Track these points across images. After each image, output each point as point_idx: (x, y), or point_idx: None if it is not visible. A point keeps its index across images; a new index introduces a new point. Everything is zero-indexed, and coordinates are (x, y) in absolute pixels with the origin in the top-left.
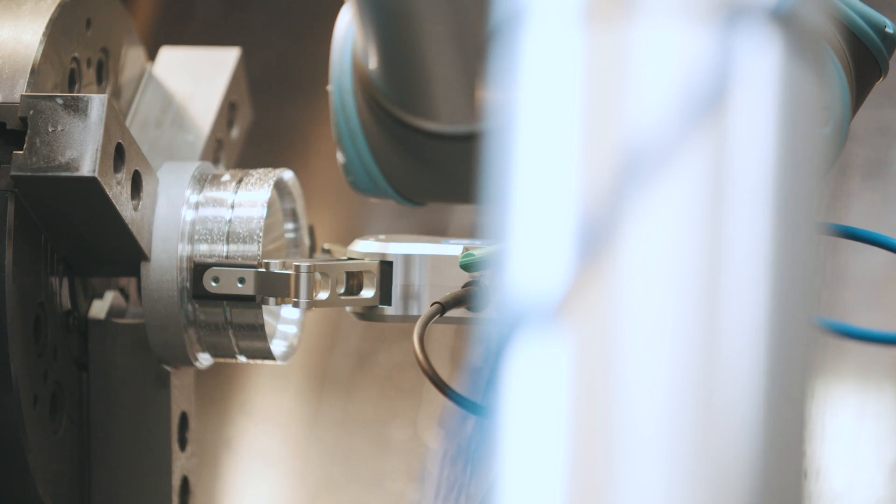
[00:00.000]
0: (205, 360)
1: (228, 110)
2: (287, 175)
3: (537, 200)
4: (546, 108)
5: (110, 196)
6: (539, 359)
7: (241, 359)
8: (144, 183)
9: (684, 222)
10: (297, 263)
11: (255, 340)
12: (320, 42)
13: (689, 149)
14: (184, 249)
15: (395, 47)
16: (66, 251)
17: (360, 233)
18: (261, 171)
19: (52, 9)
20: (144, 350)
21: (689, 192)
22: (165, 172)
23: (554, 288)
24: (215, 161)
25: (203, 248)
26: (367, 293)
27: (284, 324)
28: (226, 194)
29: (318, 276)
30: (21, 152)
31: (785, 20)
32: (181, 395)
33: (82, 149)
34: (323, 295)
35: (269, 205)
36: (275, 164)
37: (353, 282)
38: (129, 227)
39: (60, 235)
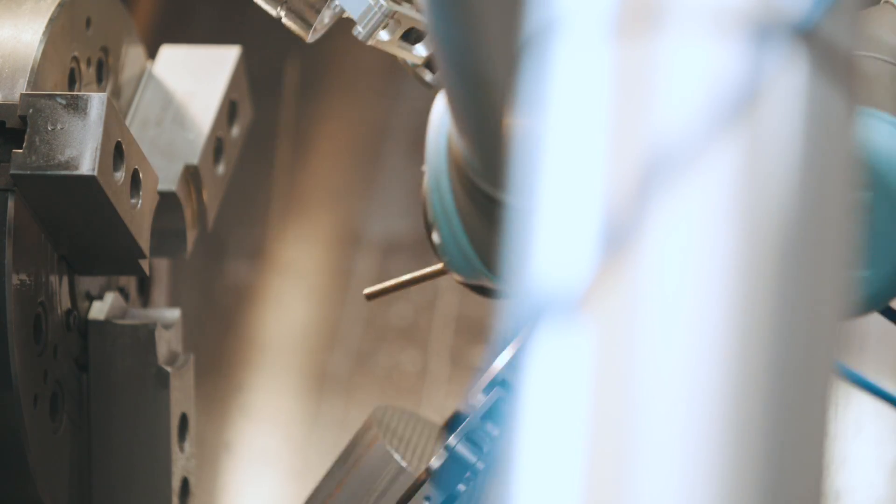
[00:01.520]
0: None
1: (229, 109)
2: None
3: (564, 195)
4: (575, 111)
5: (109, 195)
6: (561, 350)
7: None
8: (143, 181)
9: (706, 225)
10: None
11: None
12: (320, 42)
13: (713, 155)
14: None
15: (484, 122)
16: (65, 250)
17: (360, 233)
18: None
19: (52, 8)
20: (144, 351)
21: (712, 195)
22: None
23: (578, 280)
24: (215, 160)
25: None
26: (423, 50)
27: None
28: None
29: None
30: (21, 151)
31: (812, 38)
32: (181, 395)
33: (82, 147)
34: (384, 36)
35: None
36: (275, 164)
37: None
38: (128, 225)
39: (60, 234)
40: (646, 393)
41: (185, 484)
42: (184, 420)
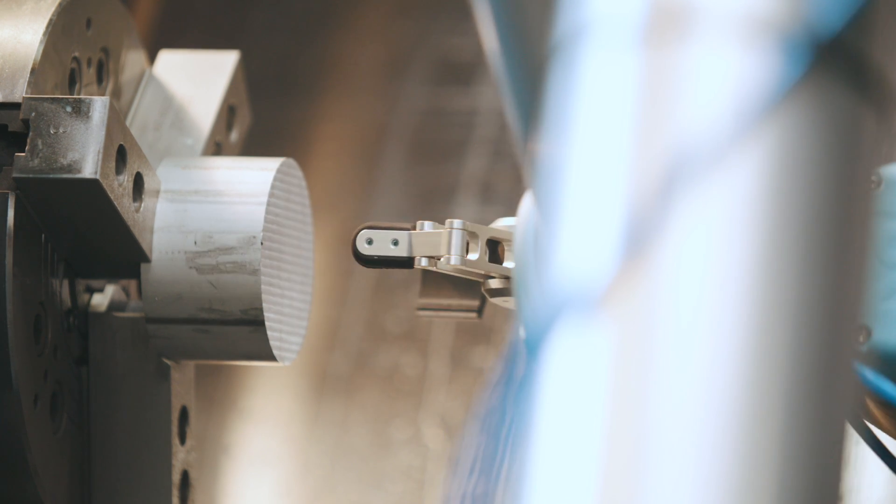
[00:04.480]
0: None
1: (227, 113)
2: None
3: (588, 195)
4: (601, 115)
5: (112, 198)
6: (579, 349)
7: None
8: (146, 185)
9: (728, 229)
10: (448, 220)
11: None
12: (320, 42)
13: (737, 161)
14: None
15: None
16: (67, 252)
17: None
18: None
19: (53, 8)
20: (145, 344)
21: (735, 200)
22: None
23: (598, 279)
24: None
25: None
26: (510, 264)
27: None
28: None
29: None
30: (23, 154)
31: (838, 48)
32: (181, 388)
33: (84, 151)
34: (473, 256)
35: None
36: None
37: (497, 251)
38: (131, 228)
39: (62, 237)
40: (663, 394)
41: (185, 477)
42: (184, 413)
